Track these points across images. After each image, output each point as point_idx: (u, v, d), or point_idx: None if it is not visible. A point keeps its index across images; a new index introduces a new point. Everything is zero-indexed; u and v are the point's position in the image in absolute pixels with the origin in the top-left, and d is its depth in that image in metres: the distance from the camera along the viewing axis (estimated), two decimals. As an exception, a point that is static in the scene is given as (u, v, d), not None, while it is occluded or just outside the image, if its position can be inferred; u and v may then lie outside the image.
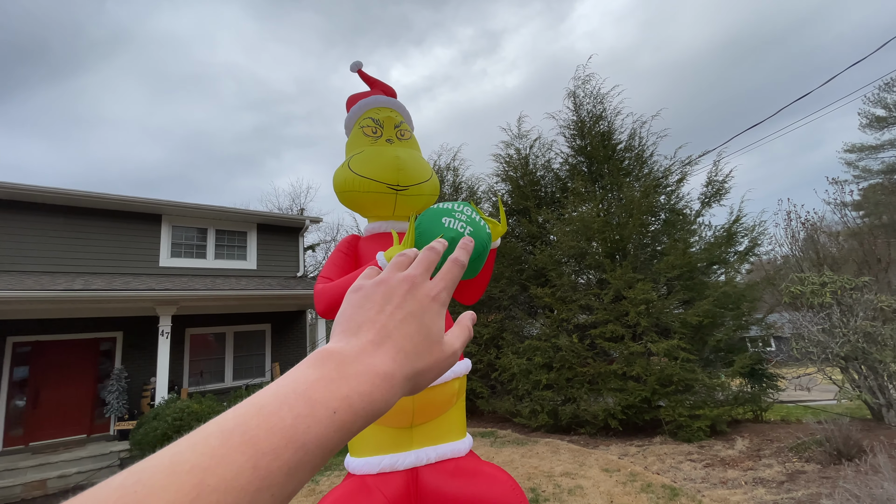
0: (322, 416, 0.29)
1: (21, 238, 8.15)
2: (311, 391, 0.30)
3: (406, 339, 0.37)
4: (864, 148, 21.78)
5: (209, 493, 0.23)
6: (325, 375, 0.31)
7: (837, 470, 4.08)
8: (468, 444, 2.15)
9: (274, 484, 0.26)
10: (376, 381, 0.33)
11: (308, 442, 0.28)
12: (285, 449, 0.27)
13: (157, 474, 0.23)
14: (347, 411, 0.30)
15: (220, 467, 0.24)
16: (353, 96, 2.70)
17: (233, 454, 0.25)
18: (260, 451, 0.26)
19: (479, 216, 2.07)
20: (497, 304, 8.85)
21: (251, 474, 0.25)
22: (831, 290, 5.56)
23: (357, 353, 0.34)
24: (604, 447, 6.01)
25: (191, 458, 0.24)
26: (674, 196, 7.93)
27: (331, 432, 0.29)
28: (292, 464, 0.27)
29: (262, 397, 0.29)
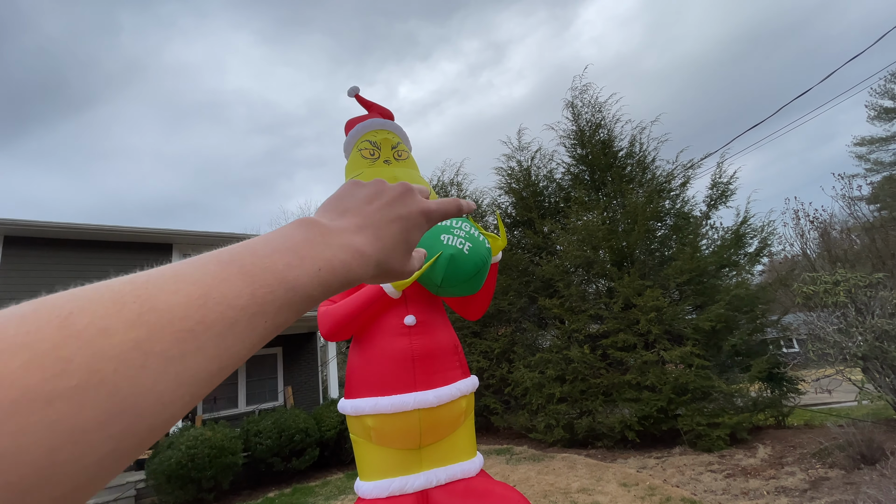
0: (308, 269, 0.31)
1: (37, 273, 8.33)
2: (299, 248, 0.32)
3: (387, 235, 0.39)
4: (875, 140, 21.49)
5: (214, 304, 0.25)
6: (311, 238, 0.34)
7: (861, 475, 3.95)
8: (479, 463, 2.13)
9: (268, 312, 0.28)
10: (355, 255, 0.36)
11: (297, 287, 0.30)
12: (278, 287, 0.29)
13: (165, 279, 0.25)
14: (329, 272, 0.33)
15: (223, 286, 0.26)
16: (351, 120, 2.76)
17: (233, 279, 0.27)
18: (256, 282, 0.28)
19: (479, 231, 2.09)
20: (506, 318, 8.79)
21: (249, 299, 0.27)
22: (845, 289, 5.45)
23: (340, 229, 0.37)
24: (622, 460, 5.89)
25: (194, 274, 0.26)
26: (679, 200, 7.90)
27: (315, 285, 0.32)
28: (282, 301, 0.29)
29: (254, 244, 0.31)
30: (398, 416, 1.93)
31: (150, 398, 0.21)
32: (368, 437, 2.00)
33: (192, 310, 0.24)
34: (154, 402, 0.21)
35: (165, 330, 0.23)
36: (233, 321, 0.26)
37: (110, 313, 0.21)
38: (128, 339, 0.21)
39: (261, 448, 6.53)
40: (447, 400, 2.00)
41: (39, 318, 0.20)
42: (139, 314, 0.22)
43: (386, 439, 1.98)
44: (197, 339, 0.24)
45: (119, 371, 0.20)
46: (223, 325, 0.25)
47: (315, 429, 7.06)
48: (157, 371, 0.22)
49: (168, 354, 0.22)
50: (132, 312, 0.22)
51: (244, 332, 0.26)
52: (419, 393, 1.95)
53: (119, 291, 0.23)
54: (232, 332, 0.26)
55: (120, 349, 0.21)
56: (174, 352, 0.23)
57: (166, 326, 0.23)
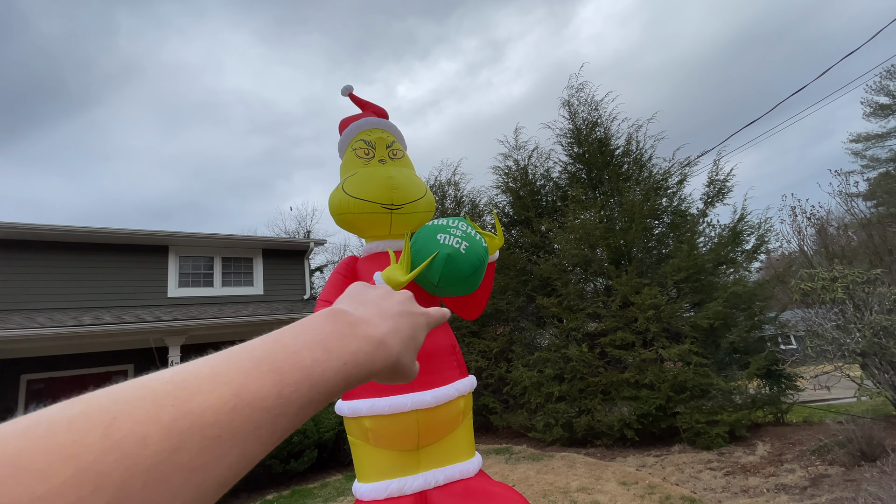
0: (335, 364, 0.33)
1: (31, 276, 8.28)
2: (328, 341, 0.33)
3: (403, 328, 0.41)
4: (871, 137, 21.58)
5: (243, 407, 0.26)
6: (339, 331, 0.35)
7: (861, 472, 3.94)
8: (477, 463, 2.11)
9: (291, 412, 0.29)
10: (378, 347, 0.37)
11: (321, 384, 0.31)
12: (303, 384, 0.30)
13: (202, 379, 0.26)
14: (353, 365, 0.34)
15: (253, 386, 0.27)
16: (345, 120, 2.74)
17: (263, 378, 0.28)
18: (285, 381, 0.29)
19: (475, 231, 2.07)
20: (504, 317, 8.78)
21: (276, 400, 0.28)
22: (843, 285, 5.45)
23: (365, 320, 0.38)
24: (621, 459, 5.88)
25: (228, 373, 0.27)
26: (676, 198, 7.90)
27: (338, 380, 0.33)
28: (306, 398, 0.30)
29: (285, 336, 0.32)
30: (396, 417, 1.91)
31: None
32: (366, 438, 1.98)
33: (221, 414, 0.25)
34: None
35: (194, 438, 0.23)
36: (257, 424, 0.26)
37: (150, 419, 0.22)
38: (162, 450, 0.22)
39: (259, 450, 6.49)
40: (445, 400, 1.98)
41: (86, 425, 0.21)
42: (175, 419, 0.23)
43: (384, 440, 1.96)
44: (222, 447, 0.24)
45: (147, 485, 0.21)
46: (248, 428, 0.26)
47: (313, 430, 7.02)
48: (179, 484, 0.22)
49: (192, 465, 0.23)
50: (169, 417, 0.23)
51: (265, 435, 0.27)
52: (416, 393, 1.93)
53: (160, 393, 0.24)
54: (254, 436, 0.26)
55: (153, 461, 0.21)
56: (198, 462, 0.23)
57: (196, 434, 0.23)
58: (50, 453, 0.19)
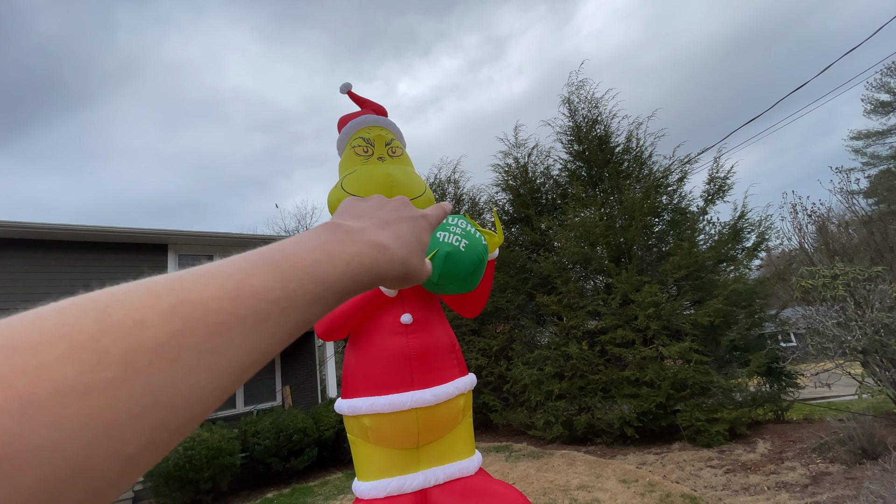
0: (337, 264, 0.32)
1: (30, 275, 8.26)
2: (327, 245, 0.33)
3: (404, 232, 0.41)
4: (871, 134, 21.52)
5: (247, 297, 0.25)
6: (337, 238, 0.35)
7: (863, 469, 3.94)
8: (477, 461, 2.10)
9: (298, 306, 0.28)
10: (381, 250, 0.37)
11: (326, 281, 0.31)
12: (307, 281, 0.29)
13: (199, 275, 0.25)
14: (358, 266, 0.34)
15: (255, 280, 0.27)
16: (344, 117, 2.72)
17: (264, 274, 0.27)
18: (286, 277, 0.28)
19: (475, 228, 2.06)
20: (504, 315, 8.77)
21: (280, 293, 0.27)
22: (843, 282, 5.44)
23: (362, 228, 0.38)
24: (621, 456, 5.88)
25: (226, 270, 0.27)
26: (676, 195, 7.88)
27: (345, 279, 0.32)
28: (313, 295, 0.29)
29: (282, 244, 0.32)
30: (395, 416, 1.90)
31: (182, 391, 0.21)
32: (366, 436, 1.97)
33: (224, 302, 0.24)
34: (187, 396, 0.21)
35: (199, 323, 0.23)
36: (265, 315, 0.26)
37: (146, 305, 0.22)
38: (163, 332, 0.21)
39: (259, 448, 6.50)
40: (445, 398, 1.97)
41: (77, 311, 0.20)
42: (173, 306, 0.22)
43: (383, 439, 1.95)
44: (230, 332, 0.24)
45: (154, 363, 0.20)
46: (255, 318, 0.25)
47: (313, 428, 7.02)
48: (190, 364, 0.22)
49: (201, 347, 0.22)
50: (167, 304, 0.22)
51: (275, 326, 0.27)
52: (416, 392, 1.92)
53: (153, 286, 0.23)
54: (263, 326, 0.26)
55: (155, 341, 0.21)
56: (207, 345, 0.23)
57: (200, 319, 0.23)
58: (40, 334, 0.18)
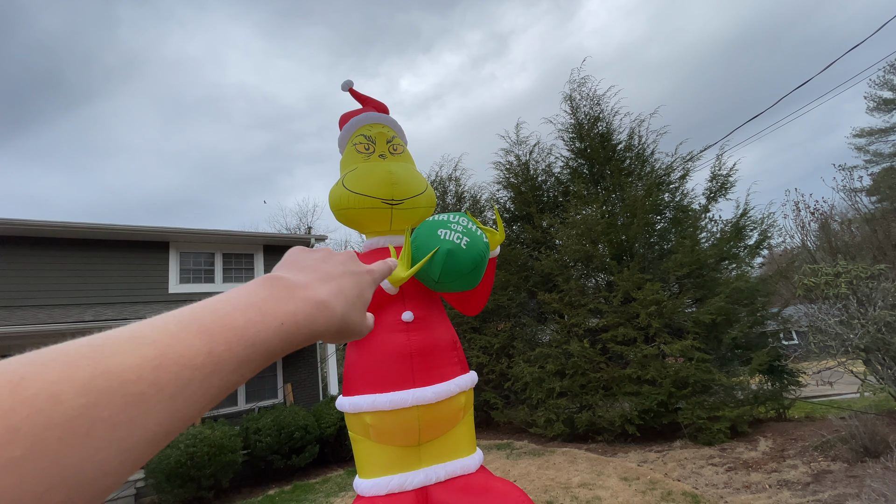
0: (270, 324, 0.32)
1: (33, 273, 8.28)
2: (262, 304, 0.33)
3: (346, 288, 0.41)
4: (874, 132, 21.38)
5: (169, 364, 0.25)
6: (274, 294, 0.35)
7: (865, 468, 3.93)
8: (478, 459, 2.10)
9: (224, 371, 0.28)
10: (319, 308, 0.36)
11: (257, 343, 0.30)
12: (237, 344, 0.29)
13: (122, 341, 0.25)
14: (292, 325, 0.33)
15: (180, 346, 0.26)
16: (346, 115, 2.72)
17: (191, 338, 0.27)
18: (214, 340, 0.28)
19: (476, 226, 2.05)
20: (506, 313, 8.77)
21: (206, 358, 0.27)
22: (846, 280, 5.42)
23: (303, 284, 0.38)
24: (622, 454, 5.88)
25: (152, 335, 0.26)
26: (678, 193, 7.85)
27: (277, 339, 0.32)
28: (241, 357, 0.29)
29: (215, 302, 0.31)
30: (397, 413, 1.90)
31: (90, 467, 0.21)
32: (367, 434, 1.97)
33: (145, 371, 0.24)
34: (95, 471, 0.21)
35: (116, 394, 0.22)
36: (187, 381, 0.26)
37: (62, 377, 0.21)
38: (76, 406, 0.21)
39: (260, 446, 6.52)
40: (446, 396, 1.96)
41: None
42: (91, 378, 0.22)
43: (385, 436, 1.95)
44: (147, 403, 0.24)
45: (63, 440, 0.20)
46: (176, 386, 0.25)
47: (315, 426, 7.04)
48: (101, 438, 0.21)
49: (115, 421, 0.22)
50: (84, 375, 0.22)
51: (197, 393, 0.26)
52: (417, 389, 1.92)
53: (74, 355, 0.23)
54: (184, 394, 0.26)
55: (67, 416, 0.20)
56: (121, 417, 0.22)
57: (117, 391, 0.23)
58: None
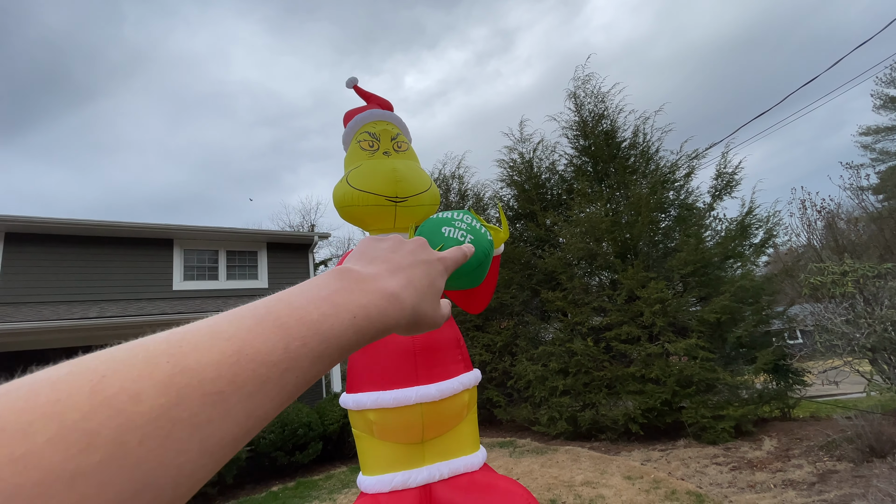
0: (343, 317, 0.32)
1: (38, 269, 8.33)
2: (334, 296, 0.33)
3: (417, 278, 0.40)
4: (880, 130, 21.18)
5: (247, 361, 0.25)
6: (346, 287, 0.35)
7: (871, 468, 3.90)
8: (482, 457, 2.10)
9: (300, 367, 0.28)
10: (391, 300, 0.36)
11: (331, 338, 0.31)
12: (312, 338, 0.29)
13: (200, 336, 0.25)
14: (364, 318, 0.33)
15: (257, 341, 0.26)
16: (350, 112, 2.71)
17: (267, 333, 0.27)
18: (290, 335, 0.28)
19: (480, 223, 2.04)
20: (509, 311, 8.76)
21: (282, 354, 0.27)
22: (853, 279, 5.38)
23: (374, 275, 0.38)
24: (626, 453, 5.86)
25: (229, 329, 0.26)
26: (683, 191, 7.81)
27: (350, 333, 0.32)
28: (316, 353, 0.29)
29: (290, 295, 0.32)
30: (400, 411, 1.89)
31: (171, 471, 0.20)
32: (371, 431, 1.97)
33: (223, 368, 0.24)
34: (176, 474, 0.21)
35: (195, 393, 0.22)
36: (264, 379, 0.26)
37: (143, 375, 0.21)
38: (157, 406, 0.21)
39: (264, 442, 6.54)
40: (449, 393, 1.96)
41: (72, 384, 0.19)
42: (171, 376, 0.22)
43: (388, 434, 1.95)
44: (226, 402, 0.23)
45: (144, 443, 0.20)
46: (254, 384, 0.25)
47: (318, 423, 7.06)
48: (181, 440, 0.21)
49: (195, 421, 0.22)
50: (164, 374, 0.22)
51: (273, 391, 0.26)
52: (421, 387, 1.92)
53: (153, 351, 0.23)
54: (262, 392, 0.25)
55: (148, 417, 0.20)
56: (201, 417, 0.22)
57: (196, 389, 0.22)
58: (31, 413, 0.18)
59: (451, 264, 0.46)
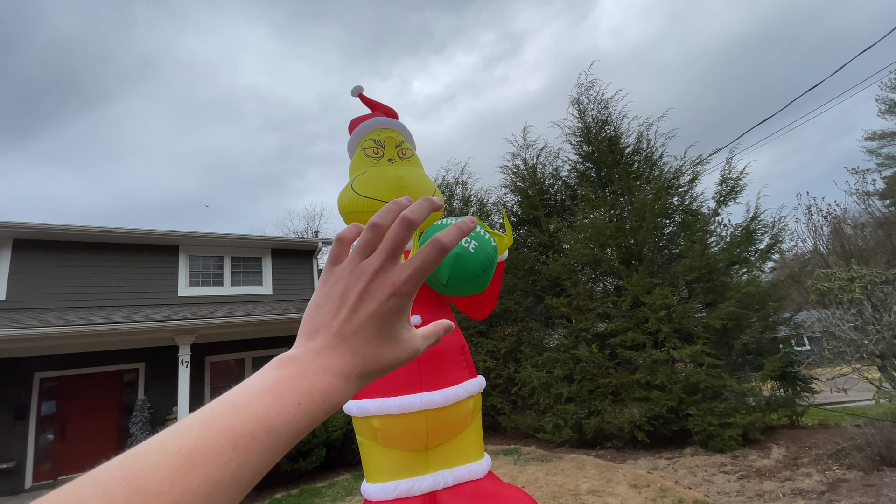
0: (288, 406, 0.32)
1: (45, 276, 8.40)
2: (276, 387, 0.33)
3: (361, 344, 0.38)
4: (886, 135, 21.07)
5: (198, 468, 0.27)
6: (287, 375, 0.35)
7: (881, 476, 3.84)
8: (486, 464, 2.08)
9: (251, 461, 0.29)
10: (333, 381, 0.36)
11: (279, 427, 0.31)
12: (259, 432, 0.30)
13: (151, 455, 0.27)
14: (310, 403, 0.34)
15: (205, 448, 0.28)
16: (355, 119, 2.73)
17: (215, 437, 0.29)
18: (237, 434, 0.29)
19: (484, 230, 2.05)
20: (513, 317, 8.73)
21: (232, 453, 0.28)
22: (860, 285, 5.33)
23: (314, 356, 0.37)
24: (632, 461, 5.80)
25: (178, 443, 0.28)
26: (687, 197, 7.79)
27: (297, 419, 0.33)
28: (266, 445, 0.30)
29: (233, 394, 0.33)
30: (404, 417, 1.89)
31: None
32: (375, 438, 1.96)
33: (176, 480, 0.26)
34: None
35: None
36: (217, 480, 0.27)
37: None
38: None
39: (268, 449, 6.52)
40: (454, 400, 1.95)
41: None
42: (127, 499, 0.24)
43: (392, 440, 1.94)
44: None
45: None
46: (209, 487, 0.27)
47: (321, 429, 7.04)
48: None
49: None
50: (122, 499, 0.24)
51: (229, 487, 0.28)
52: (426, 393, 1.91)
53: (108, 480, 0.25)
54: (217, 491, 0.27)
55: None
56: None
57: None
58: None
59: (415, 280, 0.39)
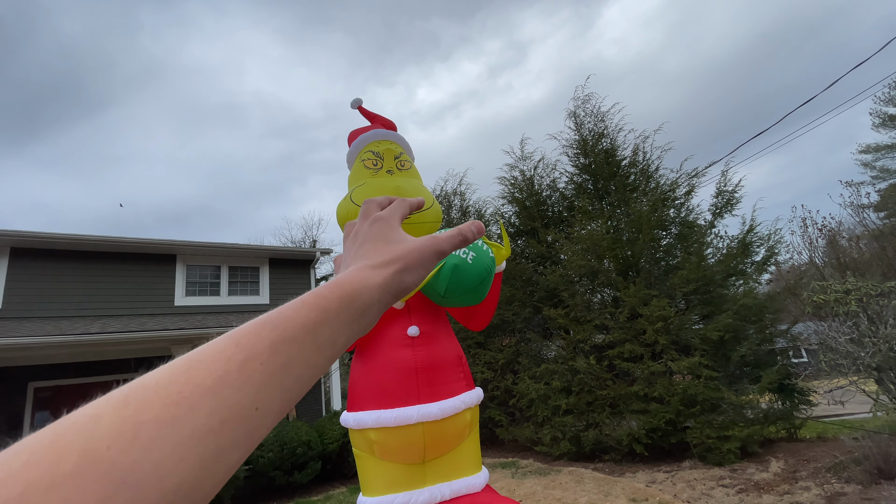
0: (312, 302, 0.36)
1: (42, 285, 8.36)
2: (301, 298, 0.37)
3: (369, 252, 0.43)
4: (880, 148, 21.34)
5: (198, 363, 0.27)
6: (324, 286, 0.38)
7: (879, 490, 3.83)
8: (484, 478, 2.07)
9: (259, 356, 0.29)
10: (356, 272, 0.39)
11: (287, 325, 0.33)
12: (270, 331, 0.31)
13: (203, 349, 0.28)
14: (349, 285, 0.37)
15: (212, 345, 0.29)
16: (354, 132, 2.76)
17: (223, 340, 0.29)
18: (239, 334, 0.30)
19: (482, 241, 2.06)
20: (511, 328, 8.71)
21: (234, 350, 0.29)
22: (856, 298, 5.36)
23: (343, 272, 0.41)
24: (630, 474, 5.76)
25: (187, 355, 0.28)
26: (683, 209, 7.85)
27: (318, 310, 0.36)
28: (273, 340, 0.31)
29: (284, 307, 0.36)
30: (401, 430, 1.88)
31: (146, 466, 0.22)
32: (371, 451, 1.95)
33: (176, 374, 0.26)
34: (152, 470, 0.22)
35: (152, 399, 0.24)
36: (223, 373, 0.27)
37: (100, 402, 0.24)
38: (117, 417, 0.23)
39: (262, 461, 6.45)
40: (451, 412, 1.95)
41: (38, 432, 0.22)
42: (126, 395, 0.24)
43: (389, 453, 1.93)
44: (188, 399, 0.25)
45: (112, 447, 0.22)
46: (213, 379, 0.26)
47: (317, 442, 6.97)
48: (149, 438, 0.23)
49: (159, 419, 0.23)
50: (120, 395, 0.24)
51: (237, 381, 0.27)
52: (423, 405, 1.91)
53: (114, 391, 0.25)
54: (223, 384, 0.27)
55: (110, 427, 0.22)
56: (165, 416, 0.24)
57: (152, 396, 0.24)
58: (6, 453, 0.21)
59: (396, 220, 0.49)
